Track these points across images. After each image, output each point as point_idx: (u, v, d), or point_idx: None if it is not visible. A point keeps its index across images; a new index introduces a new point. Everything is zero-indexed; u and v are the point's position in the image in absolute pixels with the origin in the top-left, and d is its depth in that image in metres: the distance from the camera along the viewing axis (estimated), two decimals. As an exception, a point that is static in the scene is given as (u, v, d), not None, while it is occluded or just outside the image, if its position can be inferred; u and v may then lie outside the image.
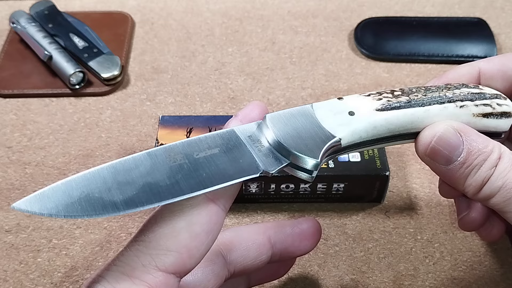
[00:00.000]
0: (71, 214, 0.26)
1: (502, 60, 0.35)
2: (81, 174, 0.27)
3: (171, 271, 0.26)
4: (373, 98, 0.32)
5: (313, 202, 0.48)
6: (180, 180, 0.27)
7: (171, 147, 0.29)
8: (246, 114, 0.31)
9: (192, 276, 0.33)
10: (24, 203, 0.26)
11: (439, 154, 0.31)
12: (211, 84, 0.58)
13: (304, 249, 0.37)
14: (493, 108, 0.32)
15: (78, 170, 0.50)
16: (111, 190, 0.26)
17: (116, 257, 0.27)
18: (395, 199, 0.48)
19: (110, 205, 0.26)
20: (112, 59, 0.58)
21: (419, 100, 0.32)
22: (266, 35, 0.64)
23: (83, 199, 0.26)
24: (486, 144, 0.31)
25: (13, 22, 0.61)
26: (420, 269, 0.44)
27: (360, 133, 0.31)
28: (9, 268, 0.44)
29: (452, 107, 0.32)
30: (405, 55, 0.61)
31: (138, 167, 0.27)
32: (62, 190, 0.26)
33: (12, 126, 0.54)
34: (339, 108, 0.31)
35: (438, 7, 0.67)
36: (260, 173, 0.29)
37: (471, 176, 0.31)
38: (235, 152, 0.29)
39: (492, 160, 0.30)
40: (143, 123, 0.54)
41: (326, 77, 0.59)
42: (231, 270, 0.35)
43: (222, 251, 0.35)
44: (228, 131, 0.30)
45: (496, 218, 0.38)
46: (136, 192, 0.26)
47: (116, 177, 0.27)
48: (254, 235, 0.36)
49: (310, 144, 0.29)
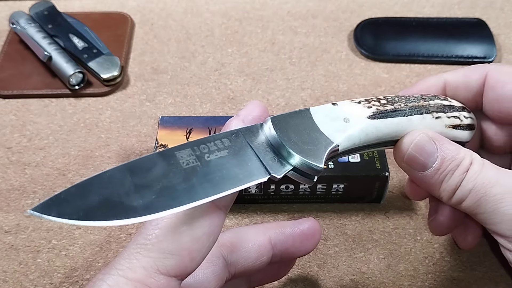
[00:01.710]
0: (92, 219, 0.25)
1: (466, 72, 0.37)
2: (94, 176, 0.26)
3: (172, 274, 0.26)
4: (364, 105, 0.33)
5: (313, 203, 0.48)
6: (195, 184, 0.27)
7: (181, 148, 0.28)
8: (247, 114, 0.31)
9: (192, 278, 0.33)
10: (42, 208, 0.24)
11: (415, 160, 0.33)
12: (210, 84, 0.58)
13: (304, 249, 0.37)
14: (461, 120, 0.35)
15: (78, 171, 0.50)
16: (130, 194, 0.26)
17: (117, 260, 0.27)
18: (394, 199, 0.48)
19: (130, 210, 0.25)
20: (112, 60, 0.58)
21: (402, 109, 0.34)
22: (265, 35, 0.64)
23: (103, 203, 0.25)
24: (458, 152, 0.33)
25: (13, 23, 0.61)
26: (420, 270, 0.44)
27: (354, 140, 0.32)
28: (9, 268, 0.44)
29: (429, 118, 0.34)
30: (405, 55, 0.61)
31: (153, 169, 0.27)
32: (80, 194, 0.25)
33: (12, 127, 0.54)
34: (334, 114, 0.32)
35: (438, 8, 0.67)
36: (269, 177, 0.29)
37: (445, 181, 0.33)
38: (243, 155, 0.29)
39: (464, 166, 0.32)
40: (142, 123, 0.54)
41: (325, 78, 0.59)
42: (232, 272, 0.35)
43: (222, 252, 0.35)
44: (233, 132, 0.30)
45: (471, 226, 0.39)
46: (155, 197, 0.26)
47: (133, 180, 0.26)
48: (255, 236, 0.36)
49: (313, 149, 0.30)
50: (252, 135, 0.30)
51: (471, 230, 0.40)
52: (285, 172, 0.29)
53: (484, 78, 0.36)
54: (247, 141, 0.30)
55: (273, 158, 0.29)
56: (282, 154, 0.30)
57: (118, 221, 0.25)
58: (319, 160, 0.29)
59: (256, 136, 0.30)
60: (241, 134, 0.30)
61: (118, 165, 0.27)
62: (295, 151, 0.29)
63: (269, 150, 0.30)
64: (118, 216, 0.25)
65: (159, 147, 0.46)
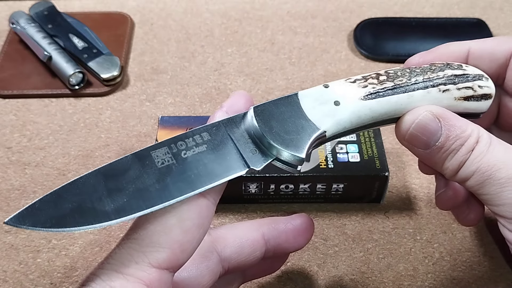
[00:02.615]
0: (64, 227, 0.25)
1: (493, 42, 0.36)
2: (69, 183, 0.27)
3: (164, 267, 0.27)
4: (359, 84, 0.32)
5: (313, 203, 0.48)
6: (169, 183, 0.27)
7: (158, 146, 0.28)
8: (231, 105, 0.31)
9: (187, 273, 0.34)
10: (17, 219, 0.25)
11: (417, 139, 0.32)
12: (210, 84, 0.58)
13: (297, 245, 0.37)
14: (475, 91, 0.33)
15: (78, 171, 0.50)
16: (102, 199, 0.26)
17: (109, 255, 0.27)
18: (394, 199, 0.48)
19: (102, 215, 0.26)
20: (112, 60, 0.58)
21: (403, 85, 0.32)
22: (265, 35, 0.64)
23: (75, 210, 0.26)
24: (465, 129, 0.31)
25: (13, 23, 0.61)
26: (420, 270, 0.44)
27: (344, 124, 0.31)
28: (9, 268, 0.44)
29: (435, 92, 0.32)
30: (404, 55, 0.60)
31: (127, 171, 0.27)
32: (53, 202, 0.26)
33: (12, 127, 0.54)
34: (325, 97, 0.31)
35: (437, 8, 0.67)
36: (247, 170, 0.29)
37: (448, 160, 0.31)
38: (222, 149, 0.29)
39: (469, 144, 0.31)
40: (142, 123, 0.54)
41: (325, 78, 0.59)
42: (226, 267, 0.36)
43: (216, 247, 0.35)
44: (215, 125, 0.30)
45: (474, 203, 0.38)
46: (126, 200, 0.26)
47: (106, 184, 0.27)
48: (248, 231, 0.36)
49: (296, 138, 0.29)
50: (234, 126, 0.30)
51: (473, 208, 0.39)
52: (265, 164, 0.29)
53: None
54: (228, 133, 0.29)
55: (254, 150, 0.29)
56: (263, 144, 0.29)
57: (89, 226, 0.26)
58: (300, 150, 0.29)
59: (238, 126, 0.30)
60: (222, 126, 0.30)
61: (93, 170, 0.27)
62: (276, 142, 0.29)
63: (250, 141, 0.29)
64: (89, 222, 0.26)
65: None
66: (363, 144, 0.47)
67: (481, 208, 0.39)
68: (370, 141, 0.47)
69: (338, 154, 0.46)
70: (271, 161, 0.29)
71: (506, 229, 0.32)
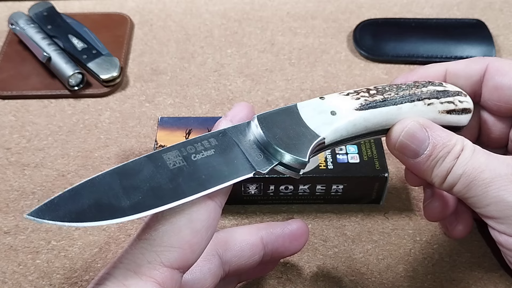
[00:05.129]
0: (83, 221, 0.26)
1: (467, 62, 0.38)
2: (86, 181, 0.28)
3: (175, 267, 0.28)
4: (352, 97, 0.34)
5: (312, 204, 0.48)
6: (181, 183, 0.28)
7: (168, 150, 0.30)
8: (235, 114, 0.33)
9: (190, 275, 0.34)
10: (36, 213, 0.26)
11: (407, 148, 0.34)
12: (210, 85, 0.58)
13: (293, 249, 0.39)
14: (455, 105, 0.35)
15: (77, 172, 0.50)
16: (118, 196, 0.27)
17: (122, 255, 0.28)
18: (394, 200, 0.48)
19: (119, 211, 0.27)
20: (111, 61, 0.58)
21: (392, 98, 0.34)
22: (265, 36, 0.64)
23: (93, 206, 0.27)
24: (450, 138, 0.33)
25: (12, 24, 0.61)
26: (419, 271, 0.44)
27: (341, 132, 0.33)
28: (8, 269, 0.44)
29: (421, 105, 0.34)
30: (404, 56, 0.61)
31: (141, 172, 0.29)
32: (72, 198, 0.27)
33: (11, 128, 0.54)
34: (322, 107, 0.33)
35: (437, 9, 0.67)
36: (254, 173, 0.30)
37: (436, 167, 0.33)
38: (229, 153, 0.31)
39: (455, 152, 0.33)
40: (142, 124, 0.54)
41: (325, 79, 0.59)
42: (226, 270, 0.37)
43: (218, 250, 0.36)
44: (221, 132, 0.31)
45: (463, 214, 0.41)
46: (142, 197, 0.27)
47: (122, 182, 0.28)
48: (248, 235, 0.38)
49: (298, 144, 0.31)
50: (239, 134, 0.32)
51: (462, 219, 0.41)
52: (271, 167, 0.31)
53: (485, 68, 0.37)
54: (234, 139, 0.31)
55: (259, 155, 0.31)
56: (268, 150, 0.31)
57: (107, 221, 0.27)
58: (303, 154, 0.31)
59: (243, 134, 0.32)
60: (228, 133, 0.31)
61: (108, 169, 0.28)
62: (280, 146, 0.31)
63: (255, 147, 0.31)
64: (106, 217, 0.27)
65: (158, 147, 0.46)
66: (363, 145, 0.47)
67: (470, 219, 0.41)
68: (370, 142, 0.47)
69: (337, 155, 0.46)
70: (275, 166, 0.31)
71: (496, 231, 0.34)
